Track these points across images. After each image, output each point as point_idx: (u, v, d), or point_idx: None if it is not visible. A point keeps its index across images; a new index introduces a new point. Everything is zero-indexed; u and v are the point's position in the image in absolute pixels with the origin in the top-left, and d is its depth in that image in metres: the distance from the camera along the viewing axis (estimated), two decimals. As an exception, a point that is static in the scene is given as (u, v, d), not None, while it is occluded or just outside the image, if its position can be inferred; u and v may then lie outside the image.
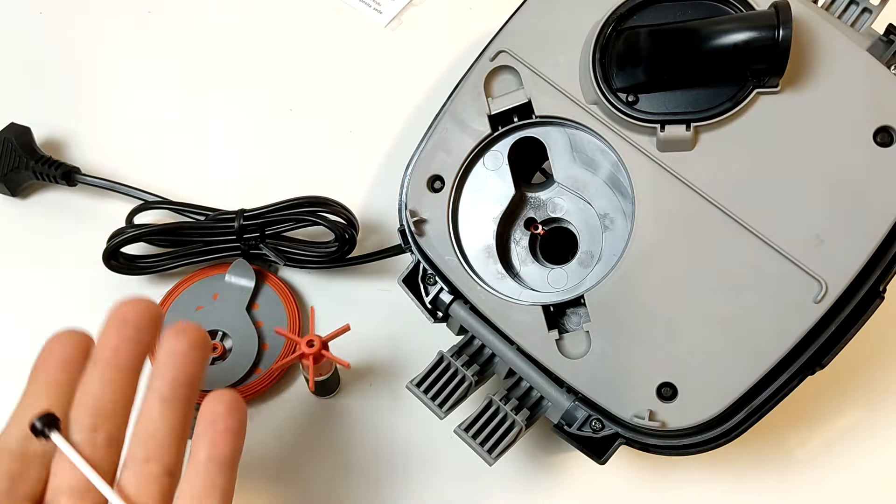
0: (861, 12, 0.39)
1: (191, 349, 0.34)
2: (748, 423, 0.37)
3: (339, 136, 0.53)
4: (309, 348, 0.41)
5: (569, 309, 0.39)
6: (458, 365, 0.39)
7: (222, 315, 0.46)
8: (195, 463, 0.32)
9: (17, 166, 0.49)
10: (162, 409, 0.33)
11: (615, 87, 0.38)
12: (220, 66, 0.55)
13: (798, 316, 0.35)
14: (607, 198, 0.40)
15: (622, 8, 0.38)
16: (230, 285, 0.47)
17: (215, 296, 0.46)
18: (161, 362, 0.33)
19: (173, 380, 0.33)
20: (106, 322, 0.34)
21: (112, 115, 0.54)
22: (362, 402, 0.46)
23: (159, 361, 0.33)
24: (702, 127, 0.37)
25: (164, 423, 0.33)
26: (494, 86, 0.41)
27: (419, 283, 0.41)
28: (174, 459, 0.33)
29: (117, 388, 0.33)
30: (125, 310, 0.34)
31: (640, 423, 0.36)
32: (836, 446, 0.44)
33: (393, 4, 0.57)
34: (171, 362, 0.33)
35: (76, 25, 0.56)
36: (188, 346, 0.34)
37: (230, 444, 0.33)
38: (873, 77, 0.37)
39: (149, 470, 0.33)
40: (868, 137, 0.36)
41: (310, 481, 0.44)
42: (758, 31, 0.35)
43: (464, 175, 0.41)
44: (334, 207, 0.46)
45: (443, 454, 0.44)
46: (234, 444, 0.33)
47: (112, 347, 0.33)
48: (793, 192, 0.36)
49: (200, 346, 0.34)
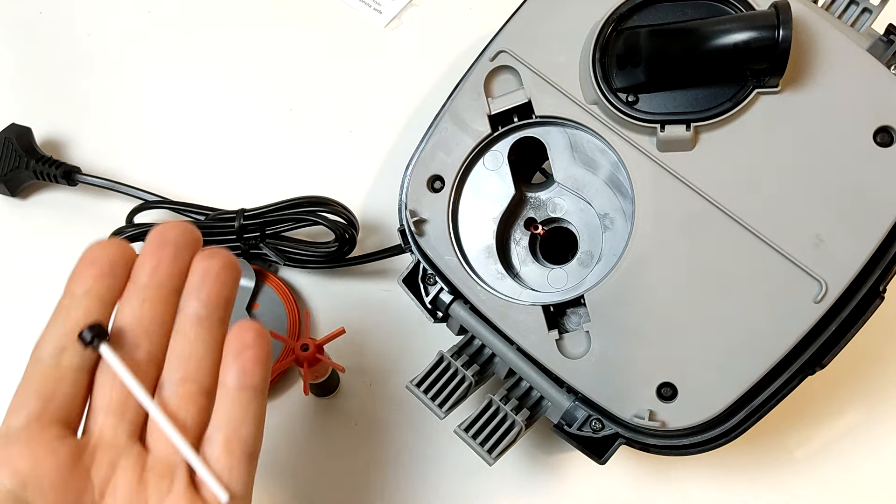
0: (861, 12, 0.39)
1: (224, 270, 0.34)
2: (748, 423, 0.37)
3: (339, 136, 0.53)
4: (303, 352, 0.41)
5: (569, 309, 0.39)
6: (458, 365, 0.39)
7: (222, 315, 0.46)
8: (227, 390, 0.33)
9: (17, 166, 0.49)
10: (198, 329, 0.33)
11: (615, 87, 0.38)
12: (220, 66, 0.55)
13: (798, 316, 0.35)
14: (607, 198, 0.40)
15: (622, 8, 0.38)
16: (230, 285, 0.47)
17: (215, 296, 0.46)
18: (196, 283, 0.34)
19: (208, 300, 0.33)
20: (146, 242, 0.34)
21: (112, 115, 0.54)
22: (362, 402, 0.46)
23: (194, 282, 0.34)
24: (702, 127, 0.37)
25: (202, 344, 0.33)
26: (494, 86, 0.41)
27: (419, 283, 0.41)
28: (211, 380, 0.33)
29: (156, 307, 0.33)
30: (165, 230, 0.34)
31: (640, 423, 0.36)
32: (835, 446, 0.44)
33: (393, 4, 0.57)
34: (207, 283, 0.33)
35: (76, 26, 0.56)
36: (222, 267, 0.34)
37: (260, 371, 0.33)
38: (873, 77, 0.36)
39: (187, 390, 0.33)
40: (868, 137, 0.36)
41: (310, 481, 0.44)
42: (758, 31, 0.35)
43: (464, 175, 0.41)
44: (334, 207, 0.46)
45: (443, 454, 0.44)
46: (263, 371, 0.33)
47: (152, 266, 0.33)
48: (793, 192, 0.36)
49: (233, 268, 0.34)
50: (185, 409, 0.33)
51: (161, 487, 0.32)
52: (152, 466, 0.32)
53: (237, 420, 0.32)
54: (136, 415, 0.33)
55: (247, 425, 0.33)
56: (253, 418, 0.33)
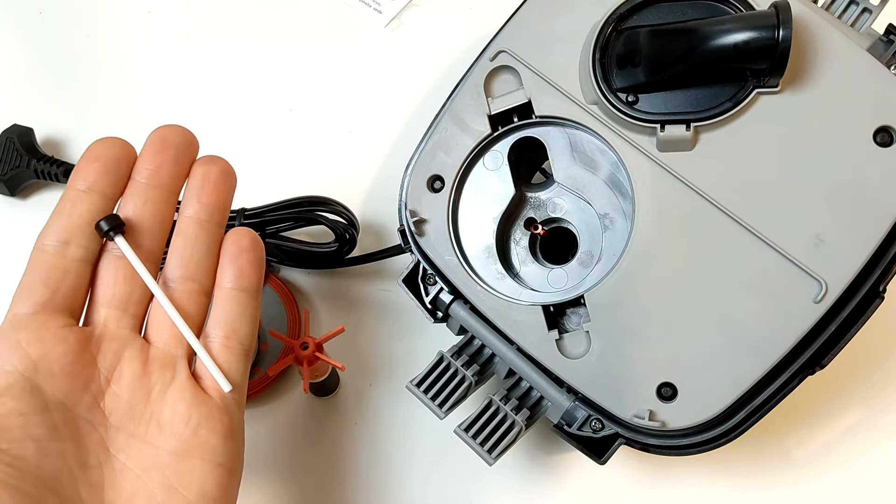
0: (861, 12, 0.39)
1: (223, 175, 0.35)
2: (748, 423, 0.37)
3: (339, 136, 0.53)
4: (302, 351, 0.41)
5: (569, 309, 0.39)
6: (458, 365, 0.39)
7: (222, 315, 0.46)
8: (224, 291, 0.35)
9: (18, 165, 0.49)
10: (199, 231, 0.35)
11: (615, 87, 0.38)
12: (220, 66, 0.55)
13: (798, 316, 0.35)
14: (607, 198, 0.40)
15: (622, 8, 0.38)
16: (230, 285, 0.47)
17: (215, 296, 0.46)
18: (196, 187, 0.35)
19: (209, 204, 0.35)
20: (146, 143, 0.35)
21: (112, 115, 0.54)
22: (362, 402, 0.46)
23: (194, 186, 0.35)
24: (702, 127, 0.37)
25: (202, 245, 0.35)
26: (494, 86, 0.41)
27: (419, 283, 0.41)
28: (209, 280, 0.35)
29: (157, 206, 0.35)
30: (165, 133, 0.35)
31: (640, 423, 0.36)
32: (835, 446, 0.44)
33: (393, 4, 0.57)
34: (207, 188, 0.35)
35: (76, 26, 0.56)
36: (220, 172, 0.35)
37: (256, 274, 0.35)
38: (873, 77, 0.36)
39: (188, 288, 0.35)
40: (868, 137, 0.36)
41: (309, 481, 0.44)
42: (758, 31, 0.35)
43: (464, 175, 0.41)
44: (335, 207, 0.46)
45: (443, 454, 0.44)
46: (259, 274, 0.35)
47: (153, 166, 0.34)
48: (793, 192, 0.36)
49: (231, 175, 0.36)
50: (187, 305, 0.34)
51: (164, 377, 0.34)
52: (155, 357, 0.34)
53: (235, 319, 0.34)
54: (138, 309, 0.34)
55: (244, 324, 0.35)
56: (249, 318, 0.35)
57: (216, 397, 0.34)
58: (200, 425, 0.33)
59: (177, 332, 0.34)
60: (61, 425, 0.32)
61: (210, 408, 0.33)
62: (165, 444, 0.33)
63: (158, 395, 0.33)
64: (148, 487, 0.32)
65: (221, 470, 0.33)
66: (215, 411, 0.33)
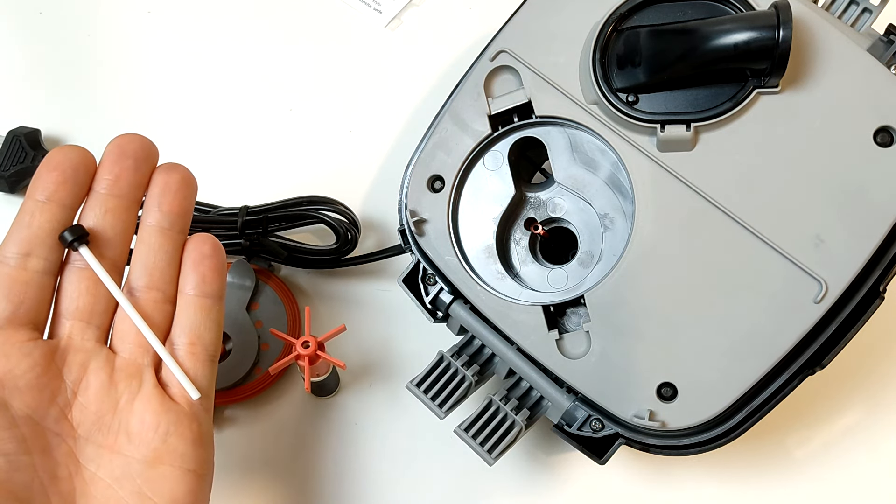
0: (861, 12, 0.39)
1: (184, 184, 0.35)
2: (748, 423, 0.37)
3: (339, 136, 0.53)
4: (304, 349, 0.41)
5: (569, 309, 0.39)
6: (458, 365, 0.39)
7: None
8: (187, 298, 0.35)
9: (22, 161, 0.50)
10: (161, 239, 0.35)
11: (615, 87, 0.38)
12: (220, 66, 0.55)
13: (798, 316, 0.35)
14: (607, 198, 0.40)
15: (622, 8, 0.38)
16: (230, 285, 0.46)
17: (215, 296, 0.46)
18: (157, 195, 0.35)
19: (169, 212, 0.35)
20: (105, 153, 0.35)
21: (112, 115, 0.54)
22: (362, 402, 0.46)
23: (155, 194, 0.35)
24: (702, 127, 0.37)
25: (164, 254, 0.35)
26: (494, 86, 0.41)
27: (419, 283, 0.41)
28: (173, 288, 0.35)
29: (118, 215, 0.35)
30: (124, 143, 0.35)
31: (641, 423, 0.36)
32: (835, 446, 0.44)
33: (393, 4, 0.57)
34: (168, 196, 0.35)
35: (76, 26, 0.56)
36: (181, 180, 0.35)
37: (219, 280, 0.35)
38: (873, 77, 0.37)
39: (152, 297, 0.35)
40: (868, 137, 0.36)
41: (310, 481, 0.44)
42: (758, 32, 0.35)
43: (464, 175, 0.41)
44: (337, 207, 0.46)
45: (443, 454, 0.44)
46: (221, 279, 0.36)
47: (113, 176, 0.34)
48: (793, 192, 0.36)
49: (191, 182, 0.36)
50: (153, 314, 0.34)
51: (131, 386, 0.34)
52: (121, 368, 0.34)
53: (199, 325, 0.35)
54: (102, 320, 0.34)
55: (208, 330, 0.35)
56: (213, 324, 0.35)
57: (184, 404, 0.34)
58: (169, 432, 0.33)
59: (142, 341, 0.34)
60: (30, 439, 0.32)
61: (178, 415, 0.34)
62: (135, 452, 0.33)
63: (126, 404, 0.33)
64: (119, 496, 0.32)
65: (192, 476, 0.33)
66: (183, 418, 0.34)
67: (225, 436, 0.45)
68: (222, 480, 0.44)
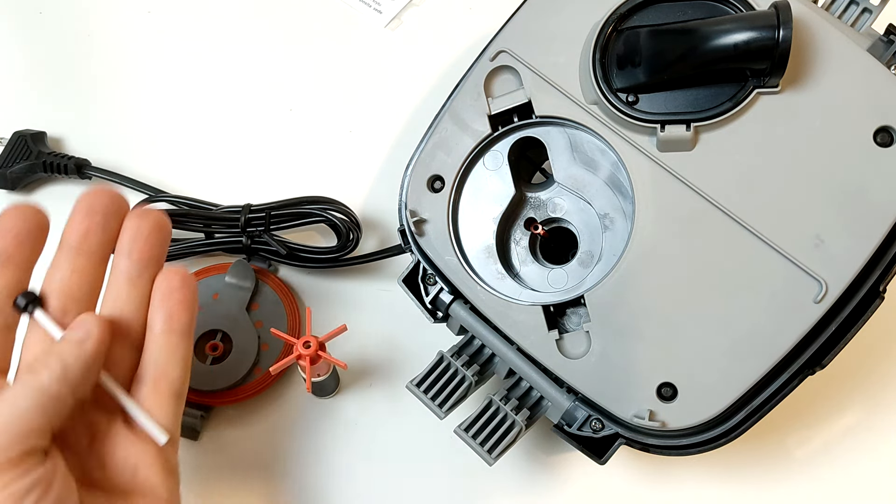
0: (861, 12, 0.39)
1: (155, 230, 0.35)
2: (748, 423, 0.37)
3: (339, 136, 0.53)
4: (305, 349, 0.41)
5: (569, 309, 0.39)
6: (458, 365, 0.39)
7: (222, 315, 0.46)
8: (155, 335, 0.35)
9: (26, 158, 0.50)
10: (129, 289, 0.35)
11: (615, 87, 0.38)
12: (220, 66, 0.55)
13: (798, 316, 0.35)
14: (607, 198, 0.40)
15: (622, 8, 0.38)
16: (230, 285, 0.47)
17: (215, 296, 0.46)
18: (128, 243, 0.35)
19: (139, 260, 0.35)
20: (74, 209, 0.35)
21: (112, 116, 0.54)
22: (362, 402, 0.46)
23: (126, 242, 0.35)
24: (702, 127, 0.37)
25: (132, 303, 0.35)
26: (494, 86, 0.41)
27: (419, 283, 0.41)
28: (140, 335, 0.35)
29: (86, 273, 0.34)
30: (92, 199, 0.35)
31: (641, 423, 0.36)
32: (835, 446, 0.44)
33: (393, 4, 0.57)
34: (137, 244, 0.35)
35: (76, 26, 0.56)
36: (152, 227, 0.35)
37: (186, 315, 0.35)
38: (873, 77, 0.37)
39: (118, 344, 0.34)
40: (868, 137, 0.36)
41: (310, 481, 0.44)
42: (758, 32, 0.35)
43: (464, 175, 0.41)
44: (339, 207, 0.46)
45: (443, 454, 0.44)
46: (189, 314, 0.35)
47: (81, 233, 0.34)
48: (793, 193, 0.36)
49: (163, 228, 0.35)
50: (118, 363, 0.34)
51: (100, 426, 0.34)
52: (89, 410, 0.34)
53: (164, 362, 0.34)
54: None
55: (173, 366, 0.35)
56: (179, 360, 0.35)
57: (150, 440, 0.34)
58: (138, 467, 0.34)
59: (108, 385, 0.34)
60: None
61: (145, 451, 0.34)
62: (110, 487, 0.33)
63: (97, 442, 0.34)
64: None
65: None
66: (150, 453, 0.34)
67: (225, 436, 0.45)
68: (222, 480, 0.44)
